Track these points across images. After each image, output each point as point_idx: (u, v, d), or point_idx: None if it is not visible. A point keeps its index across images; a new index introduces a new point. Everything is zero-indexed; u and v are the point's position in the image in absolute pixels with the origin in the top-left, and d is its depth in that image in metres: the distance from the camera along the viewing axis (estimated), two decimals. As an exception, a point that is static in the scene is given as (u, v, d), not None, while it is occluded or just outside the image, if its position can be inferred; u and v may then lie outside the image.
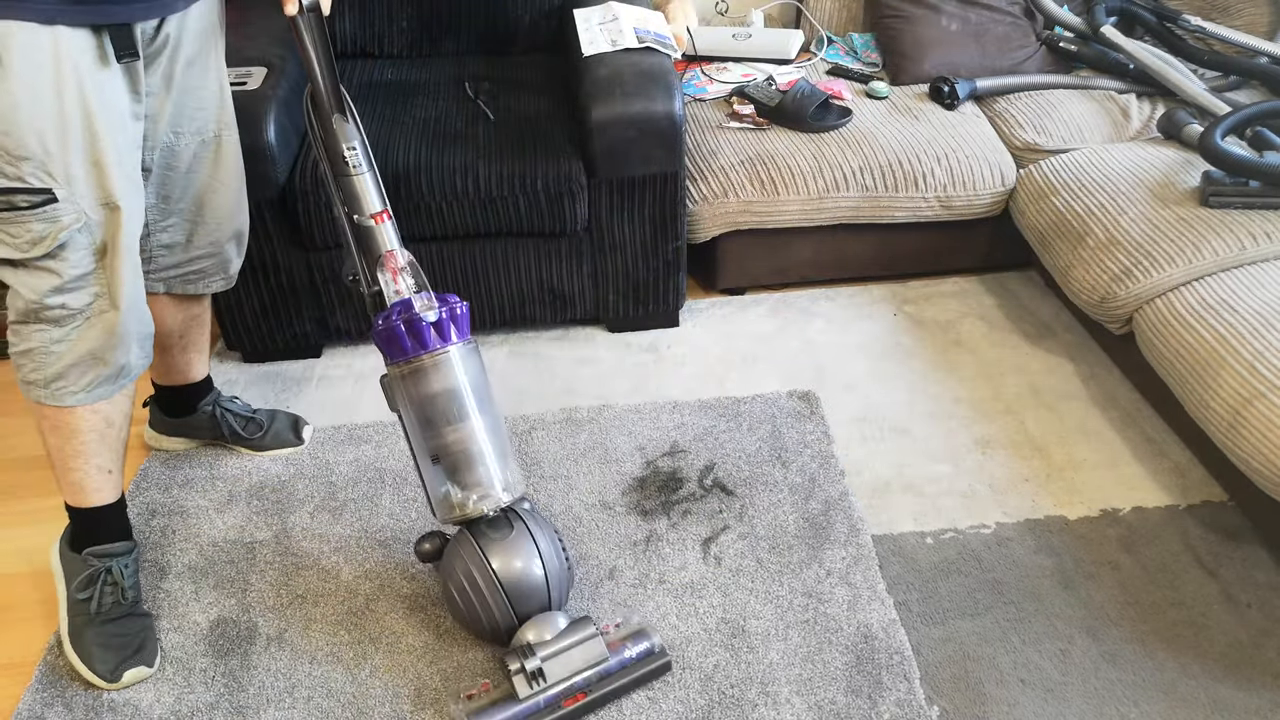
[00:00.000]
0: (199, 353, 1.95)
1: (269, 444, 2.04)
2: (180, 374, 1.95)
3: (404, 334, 1.55)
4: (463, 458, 1.56)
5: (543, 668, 1.50)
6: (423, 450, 1.58)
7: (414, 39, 2.51)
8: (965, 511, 1.90)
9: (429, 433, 1.57)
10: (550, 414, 2.13)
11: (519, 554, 1.56)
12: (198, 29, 1.57)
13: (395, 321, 1.55)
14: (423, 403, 1.56)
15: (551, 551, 1.59)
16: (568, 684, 1.51)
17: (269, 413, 2.08)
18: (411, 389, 1.57)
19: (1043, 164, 2.32)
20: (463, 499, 1.56)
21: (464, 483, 1.56)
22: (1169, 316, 1.89)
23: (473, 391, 1.58)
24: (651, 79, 2.10)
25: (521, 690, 1.49)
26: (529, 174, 2.08)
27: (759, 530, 1.85)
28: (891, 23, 2.65)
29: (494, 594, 1.54)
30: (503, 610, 1.54)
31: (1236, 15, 2.54)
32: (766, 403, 2.14)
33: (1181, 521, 1.86)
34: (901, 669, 1.61)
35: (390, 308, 1.59)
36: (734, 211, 2.32)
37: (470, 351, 1.61)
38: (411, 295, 1.60)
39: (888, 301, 2.48)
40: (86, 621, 1.63)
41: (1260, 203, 1.99)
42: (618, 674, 1.55)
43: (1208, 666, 1.61)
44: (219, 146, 1.68)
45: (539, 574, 1.56)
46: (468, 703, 1.53)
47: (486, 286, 2.25)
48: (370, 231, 1.64)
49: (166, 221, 1.69)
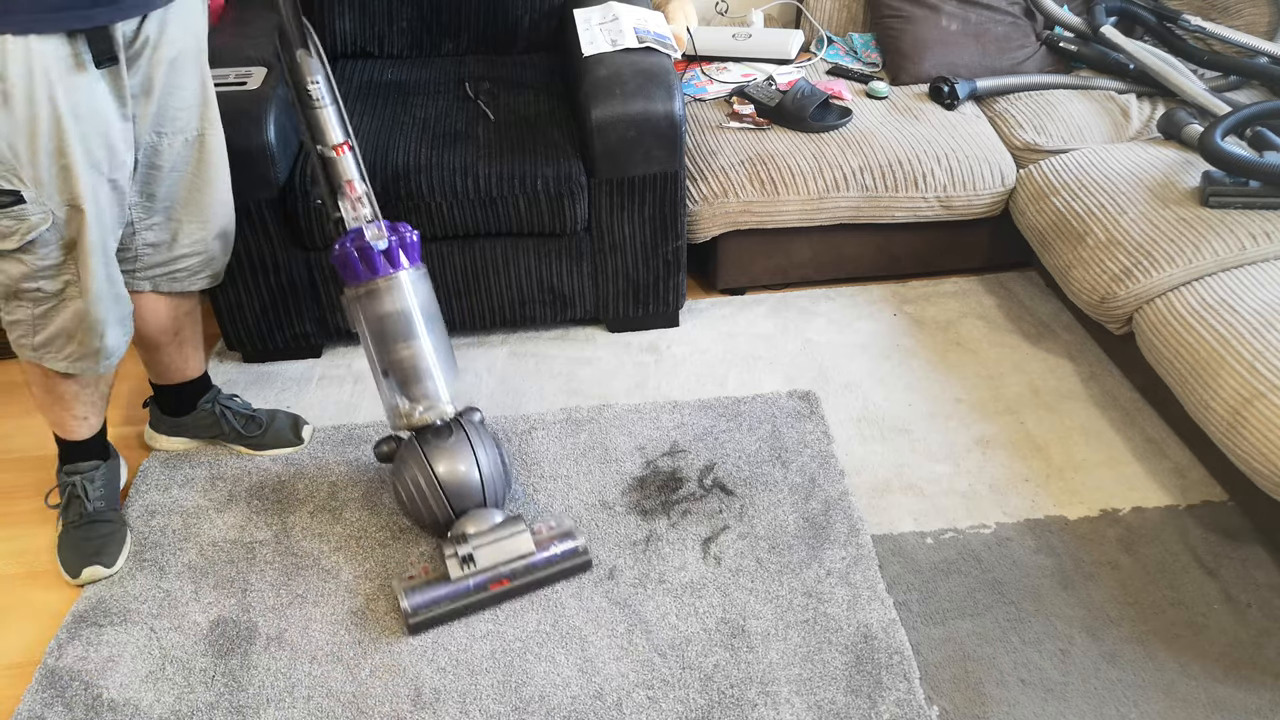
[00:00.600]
0: (194, 349, 1.96)
1: (269, 443, 2.04)
2: (178, 371, 1.96)
3: (357, 259, 1.71)
4: (411, 373, 1.74)
5: (474, 554, 1.69)
6: (378, 364, 1.76)
7: (414, 39, 2.51)
8: (965, 511, 1.90)
9: (381, 349, 1.74)
10: (550, 414, 2.13)
11: (459, 458, 1.75)
12: (178, 29, 1.58)
13: (349, 248, 1.71)
14: (376, 321, 1.73)
15: (489, 458, 1.78)
16: (494, 571, 1.70)
17: (269, 412, 2.08)
18: (366, 309, 1.73)
19: (1043, 164, 2.32)
20: (410, 409, 1.75)
21: (412, 395, 1.75)
22: (1169, 316, 1.89)
23: (422, 312, 1.75)
24: (651, 79, 2.10)
25: (453, 572, 1.69)
26: (529, 174, 2.08)
27: (759, 530, 1.85)
28: (891, 23, 2.65)
29: (434, 491, 1.73)
30: (441, 506, 1.74)
31: (1236, 15, 2.54)
32: (766, 403, 2.14)
33: (1181, 521, 1.86)
34: (901, 669, 1.61)
35: (346, 234, 1.74)
36: (734, 211, 2.32)
37: (420, 277, 1.77)
38: (364, 224, 1.74)
39: (888, 301, 2.48)
40: (64, 531, 1.84)
41: (1260, 203, 1.99)
42: (543, 567, 1.74)
43: (1208, 666, 1.61)
44: (202, 145, 1.70)
45: (475, 476, 1.75)
46: (408, 581, 1.71)
47: (486, 286, 2.25)
48: (333, 162, 1.75)
49: (151, 220, 1.71)
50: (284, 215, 2.08)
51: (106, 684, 1.63)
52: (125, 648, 1.68)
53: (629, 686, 1.60)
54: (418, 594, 1.68)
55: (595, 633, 1.68)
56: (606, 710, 1.56)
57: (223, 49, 2.21)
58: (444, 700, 1.59)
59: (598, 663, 1.63)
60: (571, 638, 1.67)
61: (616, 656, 1.64)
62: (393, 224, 1.76)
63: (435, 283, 2.21)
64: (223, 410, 2.02)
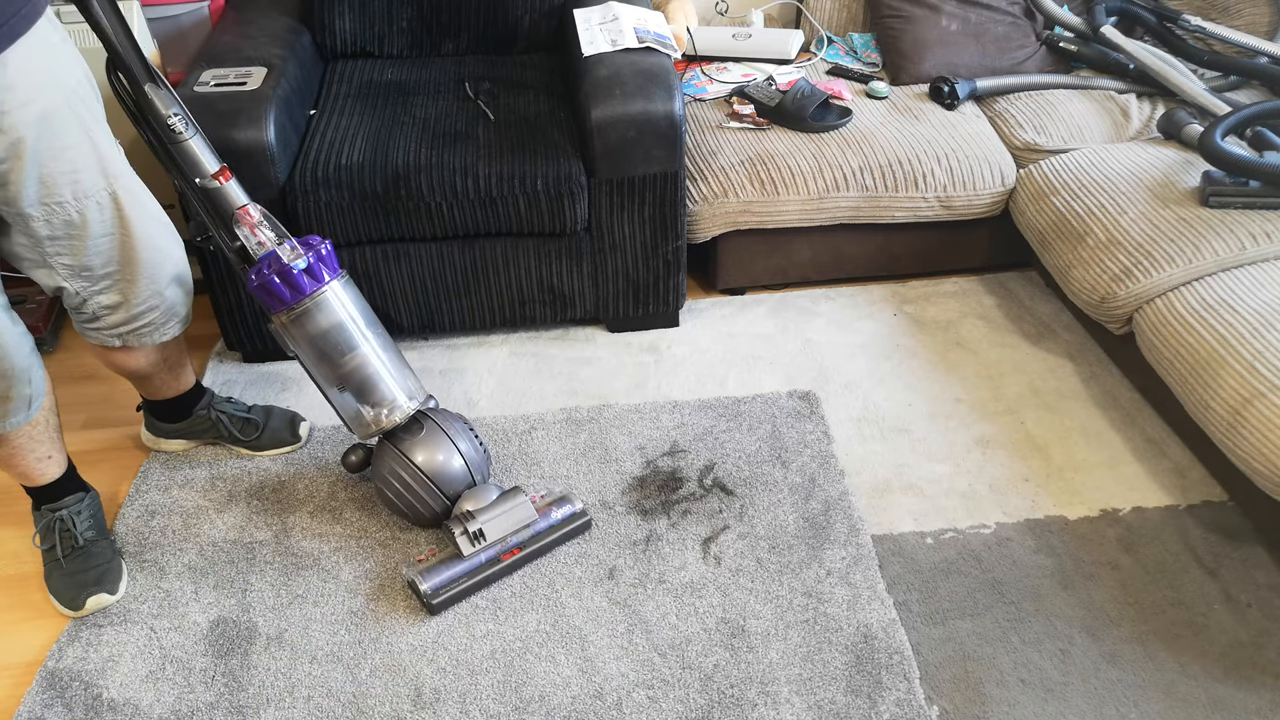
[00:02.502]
0: (184, 367, 1.94)
1: (266, 444, 2.03)
2: (171, 389, 1.94)
3: (280, 286, 1.66)
4: (365, 381, 1.74)
5: (483, 529, 1.74)
6: (327, 381, 1.75)
7: (414, 39, 2.51)
8: (965, 511, 1.90)
9: (327, 366, 1.73)
10: (550, 414, 2.13)
11: (436, 447, 1.77)
12: (28, 88, 1.41)
13: (269, 275, 1.66)
14: (315, 340, 1.71)
15: (465, 440, 1.80)
16: (504, 543, 1.75)
17: (264, 410, 2.07)
18: (300, 331, 1.70)
19: (1043, 164, 2.32)
20: (375, 415, 1.76)
21: (372, 402, 1.75)
22: (1169, 316, 1.89)
23: (359, 320, 1.74)
24: (651, 79, 2.10)
25: (465, 549, 1.73)
26: (529, 174, 2.08)
27: (759, 530, 1.85)
28: (891, 23, 2.65)
29: (422, 485, 1.75)
30: (434, 496, 1.77)
31: (1236, 15, 2.54)
32: (766, 403, 2.14)
33: (1181, 521, 1.86)
34: (901, 669, 1.61)
35: (259, 261, 1.68)
36: (734, 211, 2.32)
37: (346, 284, 1.74)
38: (275, 247, 1.68)
39: (888, 301, 2.48)
40: (54, 567, 1.78)
41: (1260, 203, 1.99)
42: (547, 533, 1.80)
43: (1208, 666, 1.61)
44: (118, 205, 1.58)
45: (458, 460, 1.78)
46: (418, 564, 1.74)
47: (486, 286, 2.25)
48: (217, 192, 1.68)
49: (97, 287, 1.64)
50: (284, 215, 2.08)
51: (107, 684, 1.63)
52: (125, 648, 1.68)
53: (629, 686, 1.60)
54: (433, 575, 1.71)
55: (595, 632, 1.68)
56: (606, 710, 1.56)
57: (223, 49, 2.21)
58: (444, 700, 1.59)
59: (598, 662, 1.63)
60: (571, 637, 1.67)
61: (616, 656, 1.64)
62: (303, 239, 1.71)
63: (435, 283, 2.21)
64: (218, 416, 2.00)
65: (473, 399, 2.19)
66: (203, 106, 2.00)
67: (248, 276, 1.69)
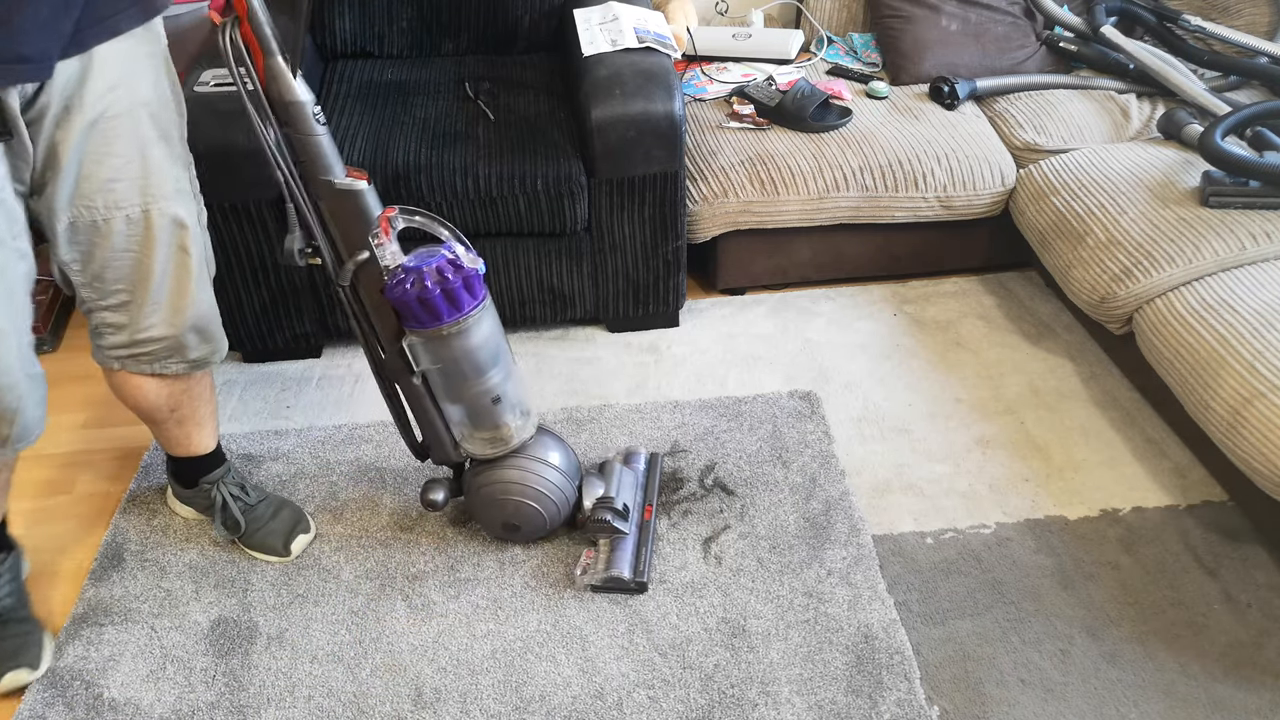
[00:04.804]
0: (197, 426, 1.76)
1: (255, 544, 1.84)
2: (180, 446, 1.79)
3: (441, 301, 1.52)
4: (508, 395, 1.67)
5: (625, 502, 1.80)
6: (460, 397, 1.65)
7: (414, 39, 2.51)
8: (965, 511, 1.90)
9: (469, 383, 1.63)
10: (551, 414, 2.13)
11: (555, 445, 1.79)
12: (101, 88, 1.37)
13: (433, 289, 1.50)
14: (466, 356, 1.60)
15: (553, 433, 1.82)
16: (637, 506, 1.84)
17: (274, 504, 1.88)
18: (449, 349, 1.59)
19: (1043, 164, 2.32)
20: (521, 424, 1.71)
21: (520, 411, 1.71)
22: (1169, 316, 1.89)
23: (501, 333, 1.67)
24: (651, 79, 2.10)
25: (625, 527, 1.78)
26: (529, 174, 2.08)
27: (759, 530, 1.85)
28: (891, 23, 2.65)
29: (565, 482, 1.76)
30: (572, 490, 1.78)
31: (1236, 15, 2.54)
32: (767, 403, 2.14)
33: (1181, 521, 1.86)
34: (901, 669, 1.61)
35: (411, 272, 1.51)
36: (734, 211, 2.32)
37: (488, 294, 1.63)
38: (450, 250, 1.54)
39: (888, 301, 2.48)
40: None
41: (1260, 203, 1.99)
42: (646, 481, 1.91)
43: (1208, 666, 1.61)
44: (148, 225, 1.47)
45: (572, 452, 1.81)
46: (594, 568, 1.75)
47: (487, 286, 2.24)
48: (352, 195, 1.51)
49: (105, 301, 1.52)
50: (284, 215, 2.08)
51: (107, 683, 1.63)
52: (126, 647, 1.68)
53: (629, 686, 1.60)
54: (619, 563, 1.74)
55: (596, 632, 1.68)
56: (607, 710, 1.56)
57: (223, 49, 2.21)
58: (444, 700, 1.59)
59: (598, 662, 1.64)
60: (572, 637, 1.67)
61: (617, 656, 1.64)
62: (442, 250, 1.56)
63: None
64: (224, 501, 1.83)
65: (473, 399, 2.19)
66: (203, 106, 2.00)
67: (390, 288, 1.52)
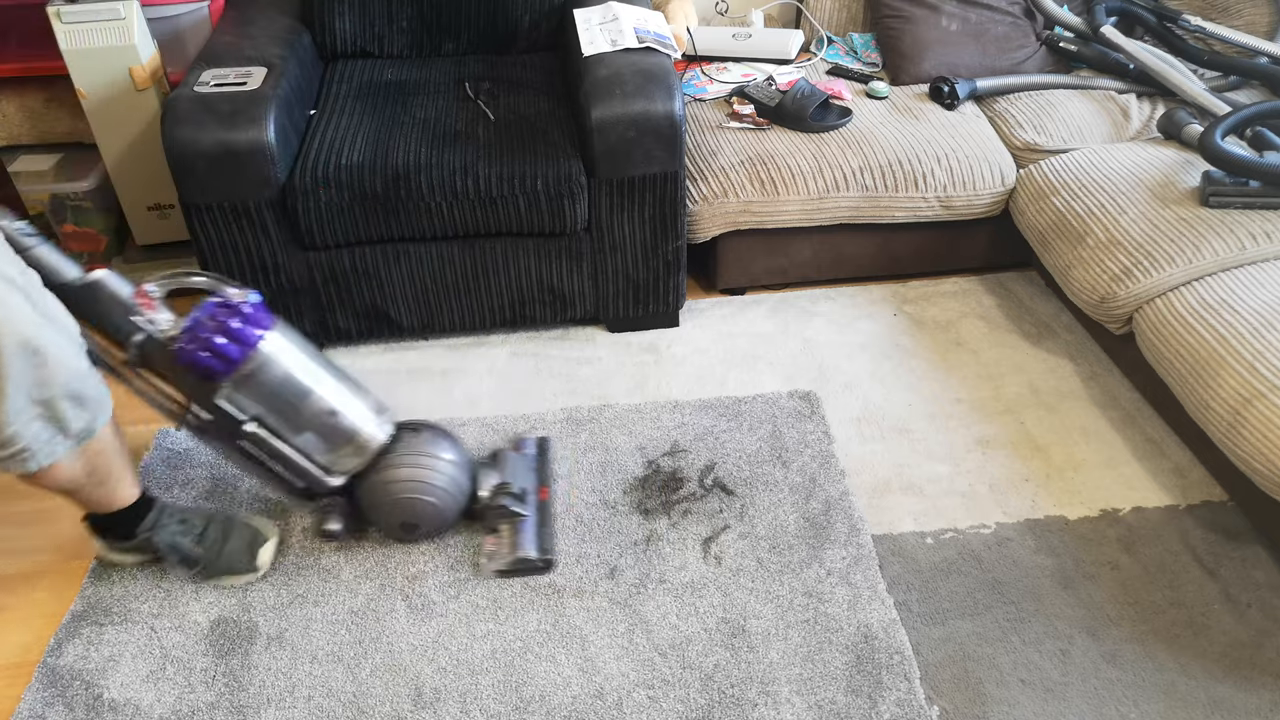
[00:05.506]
0: (118, 480, 1.63)
1: (220, 570, 1.75)
2: (106, 504, 1.66)
3: (226, 345, 1.53)
4: (349, 397, 1.67)
5: (523, 486, 1.85)
6: (300, 427, 1.65)
7: (414, 39, 2.51)
8: (965, 511, 1.90)
9: (297, 411, 1.63)
10: (551, 414, 2.13)
11: (443, 439, 1.79)
12: None
13: (210, 338, 1.51)
14: (279, 389, 1.60)
15: (438, 427, 1.83)
16: (534, 489, 1.89)
17: (222, 527, 1.76)
18: (257, 387, 1.58)
19: (1043, 164, 2.32)
20: (376, 425, 1.70)
21: (366, 417, 1.69)
22: (1169, 316, 1.89)
23: (309, 352, 1.66)
24: (651, 79, 2.10)
25: (523, 509, 1.81)
26: (529, 174, 2.08)
27: (759, 530, 1.85)
28: (891, 23, 2.65)
29: (458, 474, 1.77)
30: (466, 481, 1.79)
31: (1236, 15, 2.54)
32: (767, 402, 2.14)
33: (1181, 521, 1.86)
34: (901, 669, 1.61)
35: (187, 332, 1.52)
36: (734, 211, 2.32)
37: (280, 322, 1.63)
38: (217, 294, 1.56)
39: (888, 301, 2.48)
40: None
41: (1260, 203, 1.99)
42: (538, 463, 1.96)
43: (1208, 666, 1.61)
44: None
45: (461, 445, 1.82)
46: (498, 553, 1.79)
47: (486, 286, 2.25)
48: (93, 288, 1.50)
49: None
50: (284, 215, 2.08)
51: (107, 683, 1.63)
52: (126, 647, 1.68)
53: (629, 686, 1.60)
54: (525, 545, 1.78)
55: (596, 632, 1.68)
56: (607, 710, 1.56)
57: (223, 49, 2.21)
58: (444, 700, 1.59)
59: (598, 662, 1.63)
60: (572, 637, 1.67)
61: (617, 656, 1.64)
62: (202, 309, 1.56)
63: (435, 282, 2.22)
64: (167, 545, 1.72)
65: (473, 399, 2.19)
66: (203, 106, 2.00)
67: (178, 355, 1.51)
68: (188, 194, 2.04)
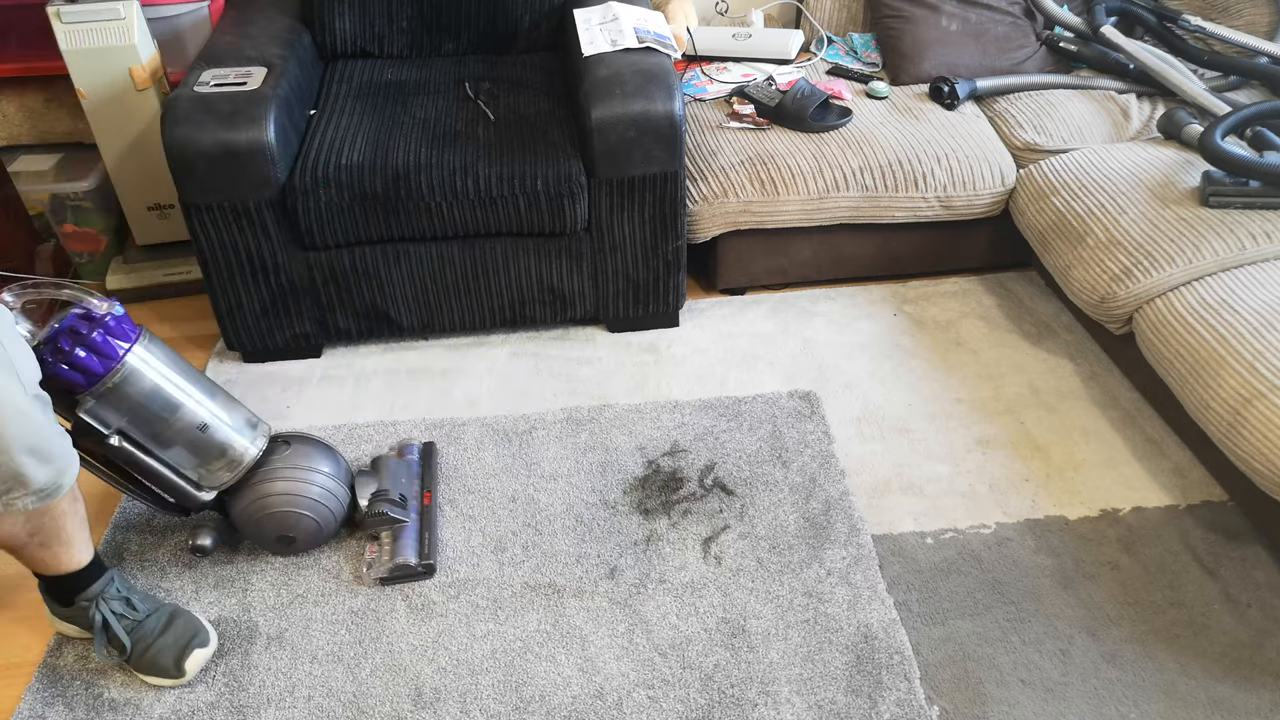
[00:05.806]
0: (64, 545, 1.54)
1: (145, 667, 1.62)
2: (48, 567, 1.57)
3: (89, 358, 1.50)
4: (219, 411, 1.66)
5: (401, 493, 1.83)
6: (168, 442, 1.62)
7: (414, 39, 2.51)
8: (965, 511, 1.90)
9: (165, 424, 1.60)
10: (550, 414, 2.13)
11: (319, 451, 1.79)
12: None
13: (72, 352, 1.48)
14: (147, 401, 1.57)
15: (315, 438, 1.83)
16: (415, 494, 1.87)
17: (166, 617, 1.64)
18: (124, 399, 1.54)
19: (1043, 164, 2.32)
20: (248, 439, 1.69)
21: (238, 431, 1.68)
22: (1169, 316, 1.89)
23: (176, 363, 1.63)
24: (651, 79, 2.10)
25: (403, 516, 1.80)
26: (529, 174, 2.08)
27: (759, 530, 1.85)
28: (891, 23, 2.65)
29: (335, 485, 1.77)
30: (344, 491, 1.79)
31: (1236, 15, 2.54)
32: (767, 402, 2.14)
33: (1181, 521, 1.86)
34: (901, 669, 1.61)
35: (48, 345, 1.48)
36: (734, 211, 2.32)
37: (146, 333, 1.60)
38: (80, 306, 1.52)
39: (888, 301, 2.48)
40: None
41: (1260, 203, 1.99)
42: (422, 468, 1.94)
43: (1208, 666, 1.61)
44: None
45: (338, 454, 1.83)
46: (380, 560, 1.77)
47: (486, 286, 2.25)
48: None
49: None
50: (284, 215, 2.08)
51: (107, 683, 1.63)
52: (125, 647, 1.68)
53: (629, 686, 1.60)
54: (405, 551, 1.76)
55: (596, 632, 1.68)
56: (607, 710, 1.56)
57: (223, 49, 2.21)
58: (444, 700, 1.59)
59: (598, 662, 1.64)
60: (572, 637, 1.67)
61: (617, 656, 1.64)
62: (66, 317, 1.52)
63: (435, 282, 2.21)
64: (103, 620, 1.60)
65: (473, 399, 2.19)
66: (203, 106, 2.00)
67: (54, 368, 1.47)
68: (187, 194, 2.04)
